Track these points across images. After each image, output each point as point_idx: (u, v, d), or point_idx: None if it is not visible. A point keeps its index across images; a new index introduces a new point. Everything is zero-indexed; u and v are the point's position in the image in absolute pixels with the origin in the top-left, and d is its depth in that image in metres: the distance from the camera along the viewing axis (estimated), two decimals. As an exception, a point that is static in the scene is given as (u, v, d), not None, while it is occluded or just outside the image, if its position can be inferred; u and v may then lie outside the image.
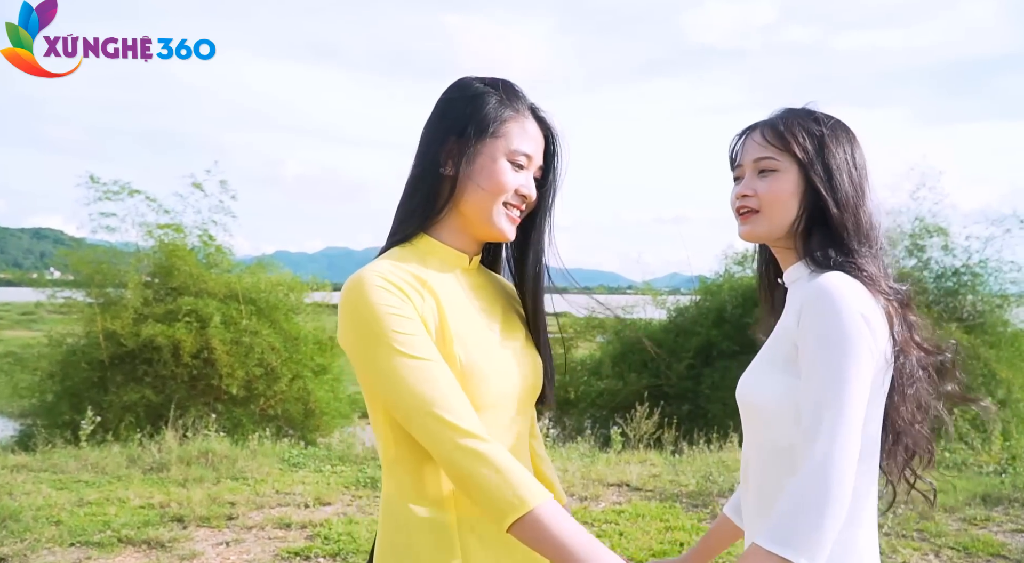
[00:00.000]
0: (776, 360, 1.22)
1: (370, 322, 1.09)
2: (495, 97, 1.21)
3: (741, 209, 1.32)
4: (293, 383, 9.71)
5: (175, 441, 6.27)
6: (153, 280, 9.66)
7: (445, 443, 1.06)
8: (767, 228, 1.29)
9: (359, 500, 5.05)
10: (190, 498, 4.81)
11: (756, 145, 1.31)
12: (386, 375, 1.08)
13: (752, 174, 1.31)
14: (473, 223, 1.22)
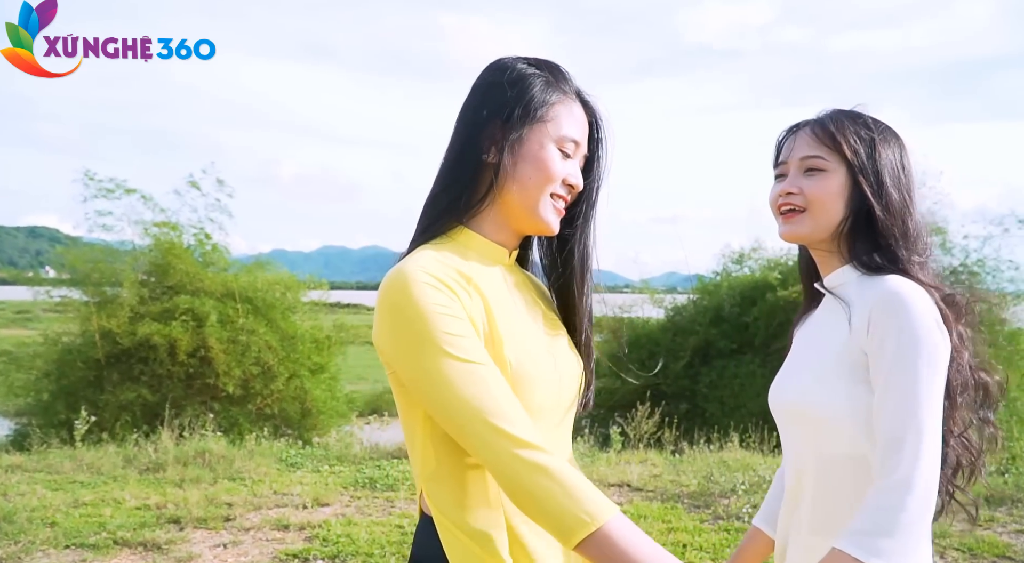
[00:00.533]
0: (840, 368, 1.19)
1: (416, 322, 0.99)
2: (541, 78, 1.12)
3: (784, 207, 1.28)
4: (290, 382, 9.68)
5: (171, 441, 6.23)
6: (149, 279, 9.61)
7: (503, 455, 0.95)
8: (810, 229, 1.26)
9: (358, 501, 5.00)
10: (187, 499, 4.76)
11: (805, 143, 1.27)
12: (434, 380, 0.98)
13: (798, 172, 1.27)
14: (517, 215, 1.12)
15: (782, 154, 1.31)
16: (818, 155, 1.25)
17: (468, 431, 0.97)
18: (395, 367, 1.03)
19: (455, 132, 1.14)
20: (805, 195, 1.25)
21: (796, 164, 1.28)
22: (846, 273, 1.27)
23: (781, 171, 1.31)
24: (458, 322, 1.01)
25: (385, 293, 1.02)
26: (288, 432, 9.44)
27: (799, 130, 1.30)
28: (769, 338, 11.86)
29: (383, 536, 4.25)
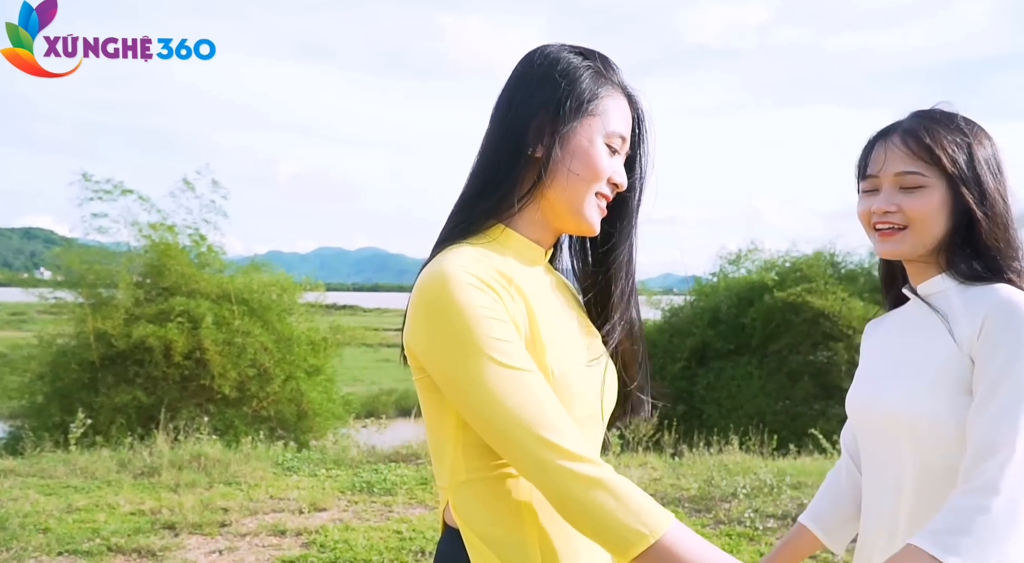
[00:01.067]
0: (945, 378, 1.16)
1: (458, 324, 0.92)
2: (591, 70, 1.05)
3: (880, 225, 1.24)
4: (286, 384, 9.66)
5: (166, 445, 6.16)
6: (145, 280, 9.60)
7: (552, 469, 0.89)
8: (912, 246, 1.23)
9: (355, 505, 4.95)
10: (182, 504, 4.70)
11: (899, 157, 1.22)
12: (477, 387, 0.91)
13: (893, 188, 1.23)
14: (559, 213, 1.05)
15: (872, 166, 1.26)
16: (916, 171, 1.21)
17: (513, 442, 0.91)
18: (430, 370, 0.96)
19: (495, 125, 1.06)
20: (905, 213, 1.21)
21: (890, 180, 1.23)
22: (943, 281, 1.24)
23: (872, 185, 1.26)
24: (503, 325, 0.94)
25: (423, 292, 0.95)
26: (284, 435, 9.42)
27: (888, 140, 1.24)
28: (766, 339, 11.86)
29: (381, 542, 4.20)
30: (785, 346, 11.74)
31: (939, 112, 1.26)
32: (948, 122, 1.23)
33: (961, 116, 1.25)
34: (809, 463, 6.38)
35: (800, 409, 11.19)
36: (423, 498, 5.11)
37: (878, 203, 1.23)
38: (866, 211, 1.26)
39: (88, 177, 9.21)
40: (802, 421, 10.65)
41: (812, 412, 11.03)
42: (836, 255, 12.51)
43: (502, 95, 1.07)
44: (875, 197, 1.25)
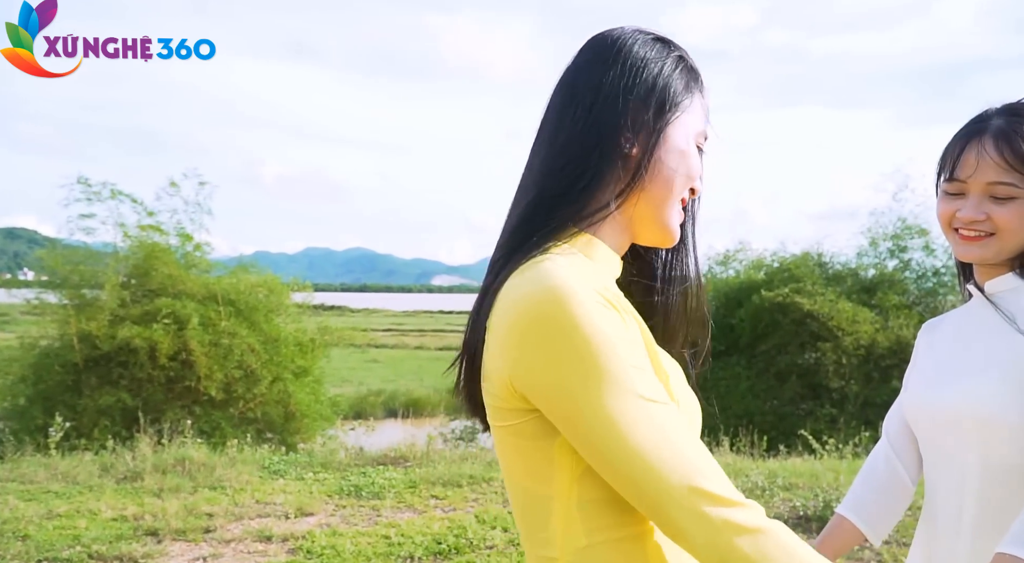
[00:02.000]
0: (1014, 376, 1.16)
1: (588, 351, 0.74)
2: (684, 61, 0.92)
3: (966, 231, 1.22)
4: (273, 385, 9.58)
5: (150, 448, 6.05)
6: (130, 281, 9.49)
7: (710, 521, 0.73)
8: (996, 252, 1.21)
9: (343, 510, 4.87)
10: (165, 509, 4.61)
11: (991, 167, 1.19)
12: (614, 428, 0.74)
13: (983, 196, 1.20)
14: (643, 220, 0.89)
15: (961, 170, 1.22)
16: (1009, 182, 1.18)
17: (658, 492, 0.74)
18: (548, 408, 0.77)
19: (572, 117, 0.87)
20: (994, 221, 1.19)
21: (981, 187, 1.20)
22: (1012, 280, 1.23)
23: (959, 190, 1.23)
24: (636, 350, 0.78)
25: (530, 311, 0.76)
26: (271, 437, 9.39)
27: (982, 144, 1.20)
28: (755, 340, 11.87)
29: (369, 547, 4.13)
30: (773, 346, 11.75)
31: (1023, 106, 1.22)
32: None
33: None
34: (799, 464, 6.35)
35: (788, 409, 11.20)
36: (412, 502, 5.05)
37: (966, 211, 1.21)
38: (950, 214, 1.24)
39: (86, 181, 9.15)
40: (790, 421, 10.67)
41: (800, 412, 11.04)
42: (824, 256, 12.55)
43: (575, 83, 0.90)
44: (960, 201, 1.22)
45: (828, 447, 7.08)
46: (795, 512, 4.77)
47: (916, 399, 1.30)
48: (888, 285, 11.47)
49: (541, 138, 0.91)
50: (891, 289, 11.37)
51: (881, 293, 11.36)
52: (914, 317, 10.96)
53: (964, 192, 1.21)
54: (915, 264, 11.66)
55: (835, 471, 5.82)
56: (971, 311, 1.30)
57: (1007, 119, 1.20)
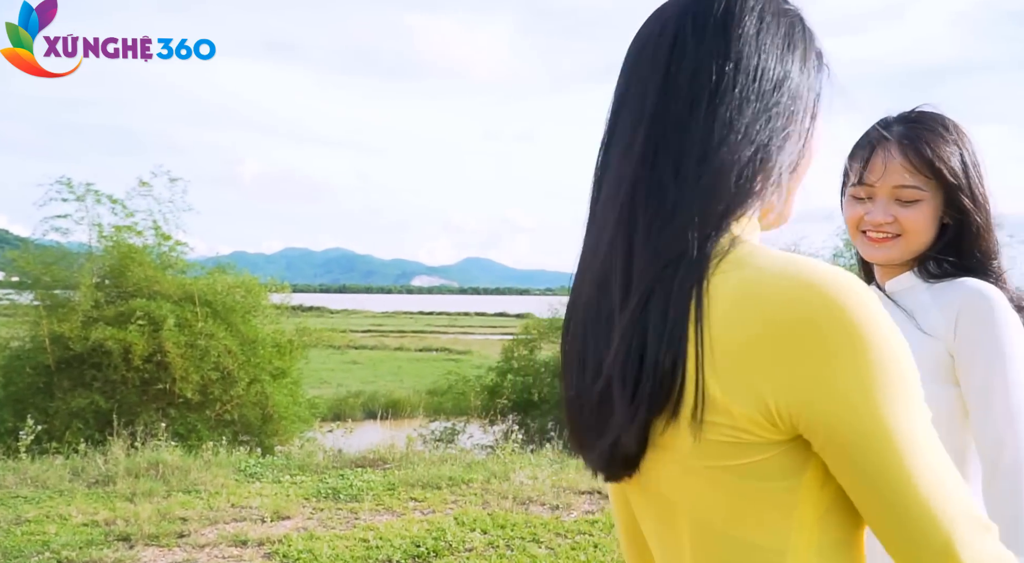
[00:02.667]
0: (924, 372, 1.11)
1: (896, 364, 0.60)
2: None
3: (877, 233, 1.26)
4: (251, 387, 9.48)
5: (122, 452, 5.94)
6: (105, 282, 9.35)
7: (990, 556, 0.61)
8: (902, 253, 1.26)
9: (320, 513, 4.81)
10: (137, 514, 4.52)
11: (898, 171, 1.23)
12: (919, 449, 0.60)
13: (889, 200, 1.25)
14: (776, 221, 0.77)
15: (869, 175, 1.25)
16: (916, 186, 1.22)
17: (942, 526, 0.60)
18: (831, 434, 0.61)
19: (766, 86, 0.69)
20: (901, 223, 1.23)
21: (888, 191, 1.24)
22: (909, 279, 1.27)
23: (867, 193, 1.27)
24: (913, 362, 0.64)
25: (835, 312, 0.60)
26: (248, 439, 9.28)
27: (888, 150, 1.24)
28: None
29: (347, 551, 4.08)
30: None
31: (930, 117, 1.26)
32: (942, 129, 1.24)
33: (948, 119, 1.26)
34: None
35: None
36: (390, 504, 5.00)
37: (874, 214, 1.25)
38: (858, 217, 1.28)
39: (66, 181, 9.01)
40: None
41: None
42: (801, 256, 12.69)
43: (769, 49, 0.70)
44: (867, 205, 1.26)
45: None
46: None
47: None
48: (863, 285, 11.66)
49: None
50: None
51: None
52: (888, 317, 11.13)
53: (872, 196, 1.25)
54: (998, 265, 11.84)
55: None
56: None
57: (908, 126, 1.26)
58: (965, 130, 1.27)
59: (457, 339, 36.40)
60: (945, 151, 1.21)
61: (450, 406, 14.11)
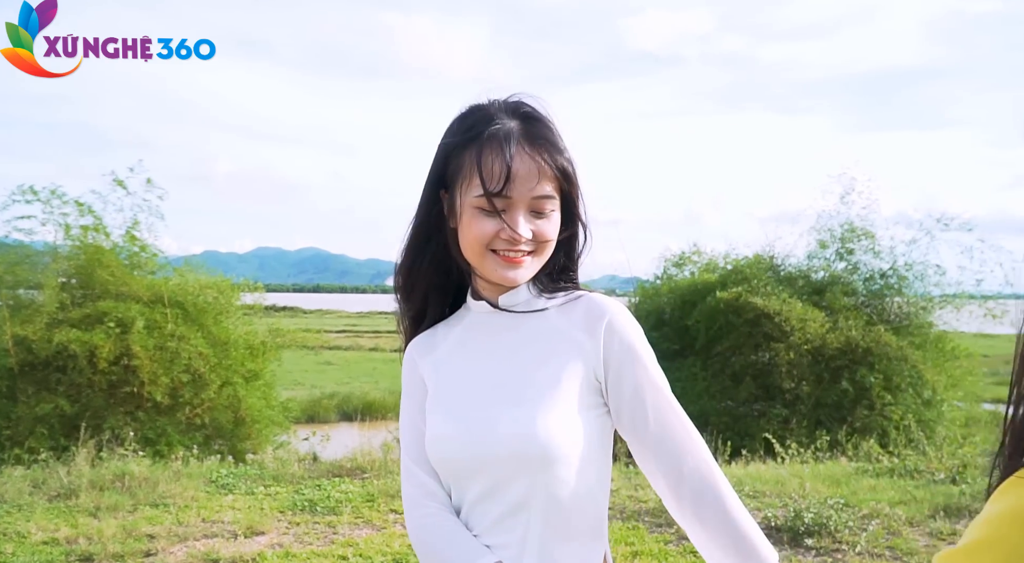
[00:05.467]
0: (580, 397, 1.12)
1: None
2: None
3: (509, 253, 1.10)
4: (222, 390, 9.25)
5: (87, 462, 5.65)
6: (71, 282, 9.05)
7: None
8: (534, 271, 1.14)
9: (296, 527, 4.60)
10: (101, 531, 4.27)
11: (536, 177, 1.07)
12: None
13: (526, 212, 1.09)
14: None
15: (505, 185, 1.04)
16: (551, 195, 1.08)
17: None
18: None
19: None
20: (538, 240, 1.09)
21: (526, 203, 1.07)
22: (522, 292, 1.14)
23: (501, 206, 1.06)
24: None
25: None
26: (220, 443, 9.06)
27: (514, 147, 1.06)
28: (710, 341, 11.91)
29: (324, 569, 3.89)
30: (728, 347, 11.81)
31: (534, 111, 1.10)
32: (550, 126, 1.10)
33: (543, 111, 1.11)
34: (764, 470, 6.29)
35: (743, 410, 11.26)
36: (370, 517, 4.80)
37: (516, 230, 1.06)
38: (490, 236, 1.07)
39: (33, 190, 8.69)
40: (744, 422, 10.75)
41: (754, 413, 11.11)
42: (775, 258, 12.67)
43: None
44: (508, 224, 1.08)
45: (791, 451, 7.05)
46: (766, 522, 4.67)
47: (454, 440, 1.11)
48: (837, 286, 11.64)
49: None
50: (840, 290, 11.54)
51: (831, 294, 11.52)
52: (862, 318, 11.12)
53: (504, 209, 1.06)
54: (862, 266, 11.87)
55: (799, 477, 5.76)
56: (476, 327, 1.17)
57: (525, 125, 1.08)
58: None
59: (433, 339, 35.98)
60: (561, 152, 1.09)
61: (426, 408, 13.94)
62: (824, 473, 6.01)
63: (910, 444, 7.77)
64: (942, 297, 11.45)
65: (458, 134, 1.08)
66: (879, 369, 10.61)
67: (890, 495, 5.28)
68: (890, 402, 10.48)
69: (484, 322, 1.15)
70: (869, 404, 10.54)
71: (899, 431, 9.20)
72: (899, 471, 6.16)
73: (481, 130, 1.06)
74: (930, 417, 10.41)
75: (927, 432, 9.07)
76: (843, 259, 11.96)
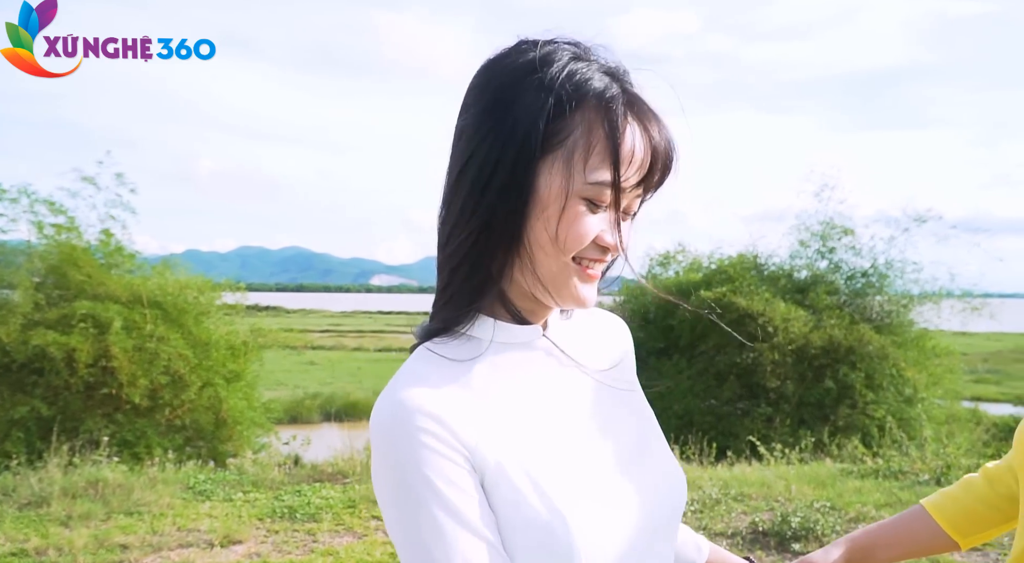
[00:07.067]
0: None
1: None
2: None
3: (596, 265, 0.81)
4: (203, 391, 9.12)
5: (59, 469, 5.49)
6: (46, 282, 8.87)
7: None
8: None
9: (275, 535, 4.49)
10: (72, 541, 4.14)
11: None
12: None
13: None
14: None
15: (648, 174, 0.78)
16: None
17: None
18: None
19: None
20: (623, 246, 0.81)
21: (629, 200, 0.80)
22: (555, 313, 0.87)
23: (610, 200, 0.78)
24: None
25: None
26: (200, 445, 8.93)
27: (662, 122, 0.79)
28: (694, 340, 11.92)
29: (303, 578, 3.79)
30: (712, 347, 11.83)
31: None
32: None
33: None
34: (750, 472, 6.25)
35: (727, 409, 11.28)
36: (351, 524, 4.70)
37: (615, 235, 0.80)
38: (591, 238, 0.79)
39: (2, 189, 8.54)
40: (728, 421, 10.77)
41: (738, 412, 11.12)
42: (759, 257, 12.70)
43: None
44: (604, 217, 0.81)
45: (776, 453, 7.03)
46: (753, 527, 4.62)
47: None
48: (820, 285, 11.69)
49: None
50: (823, 289, 11.59)
51: (813, 293, 11.56)
52: (845, 317, 11.16)
53: (629, 211, 0.82)
54: (844, 265, 11.93)
55: (785, 479, 5.73)
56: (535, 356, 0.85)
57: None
58: None
59: (417, 339, 35.95)
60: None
61: (410, 408, 13.89)
62: (809, 474, 5.99)
63: (893, 444, 7.79)
64: (921, 294, 11.53)
65: (560, 83, 0.74)
66: (861, 368, 10.65)
67: (876, 497, 5.26)
68: (872, 400, 10.53)
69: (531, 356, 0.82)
70: (851, 403, 10.58)
71: (882, 431, 9.24)
72: (883, 472, 6.14)
73: (600, 88, 0.75)
74: (911, 415, 10.47)
75: (909, 431, 9.11)
76: (825, 258, 12.01)
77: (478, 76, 0.79)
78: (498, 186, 0.74)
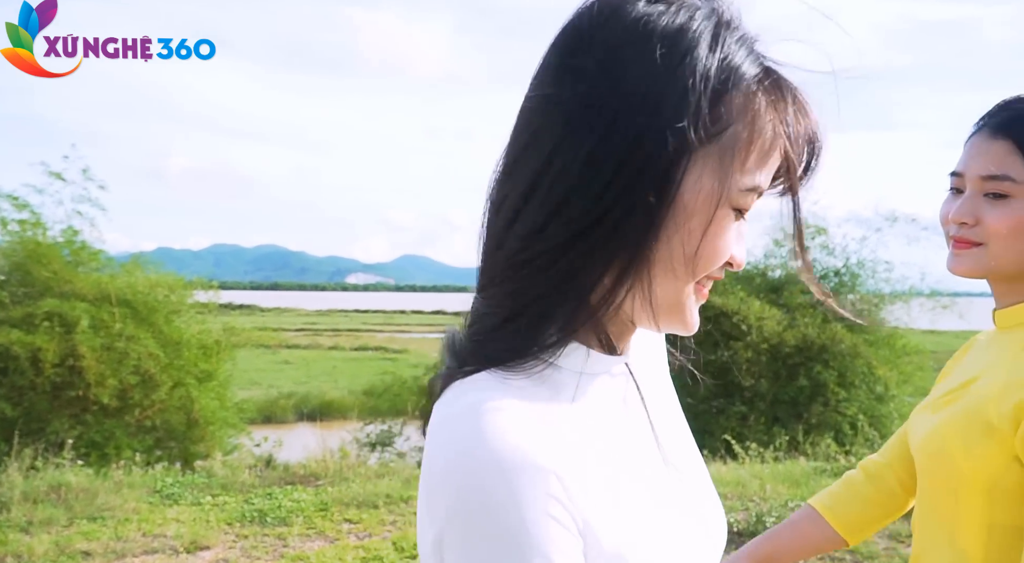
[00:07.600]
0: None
1: None
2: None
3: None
4: (174, 391, 8.98)
5: (19, 473, 5.32)
6: (10, 280, 8.69)
7: None
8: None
9: (243, 540, 4.40)
10: (32, 548, 4.02)
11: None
12: None
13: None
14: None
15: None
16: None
17: None
18: None
19: None
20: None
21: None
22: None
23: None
24: None
25: None
26: (171, 446, 8.79)
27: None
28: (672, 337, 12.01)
29: (272, 584, 3.72)
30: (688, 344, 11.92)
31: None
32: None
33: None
34: (724, 471, 6.26)
35: (702, 407, 11.35)
36: (323, 528, 4.62)
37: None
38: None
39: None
40: (703, 419, 10.83)
41: (713, 410, 11.20)
42: (734, 256, 12.83)
43: None
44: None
45: (751, 452, 7.07)
46: (728, 527, 4.62)
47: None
48: (794, 284, 11.80)
49: None
50: (797, 288, 11.70)
51: (787, 292, 11.67)
52: (818, 317, 11.28)
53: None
54: (817, 264, 12.06)
55: (759, 478, 5.75)
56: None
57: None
58: None
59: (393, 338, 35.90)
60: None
61: (386, 407, 13.82)
62: (783, 473, 6.01)
63: (866, 442, 7.86)
64: (892, 293, 11.70)
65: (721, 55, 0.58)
66: (833, 366, 10.77)
67: (849, 496, 5.29)
68: (844, 398, 10.64)
69: (611, 388, 0.67)
70: (824, 400, 10.68)
71: (854, 429, 9.33)
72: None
73: (757, 70, 0.60)
74: (883, 412, 10.60)
75: (880, 429, 9.22)
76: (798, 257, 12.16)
77: (587, 29, 0.58)
78: (624, 185, 0.56)
